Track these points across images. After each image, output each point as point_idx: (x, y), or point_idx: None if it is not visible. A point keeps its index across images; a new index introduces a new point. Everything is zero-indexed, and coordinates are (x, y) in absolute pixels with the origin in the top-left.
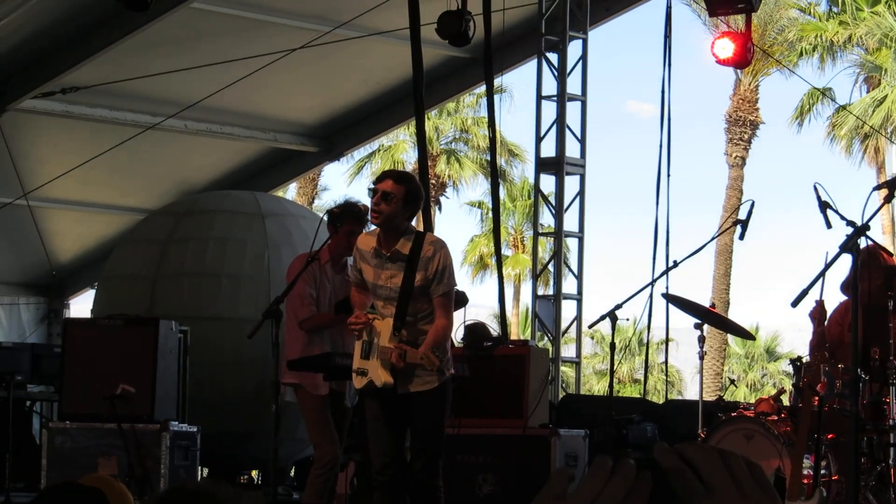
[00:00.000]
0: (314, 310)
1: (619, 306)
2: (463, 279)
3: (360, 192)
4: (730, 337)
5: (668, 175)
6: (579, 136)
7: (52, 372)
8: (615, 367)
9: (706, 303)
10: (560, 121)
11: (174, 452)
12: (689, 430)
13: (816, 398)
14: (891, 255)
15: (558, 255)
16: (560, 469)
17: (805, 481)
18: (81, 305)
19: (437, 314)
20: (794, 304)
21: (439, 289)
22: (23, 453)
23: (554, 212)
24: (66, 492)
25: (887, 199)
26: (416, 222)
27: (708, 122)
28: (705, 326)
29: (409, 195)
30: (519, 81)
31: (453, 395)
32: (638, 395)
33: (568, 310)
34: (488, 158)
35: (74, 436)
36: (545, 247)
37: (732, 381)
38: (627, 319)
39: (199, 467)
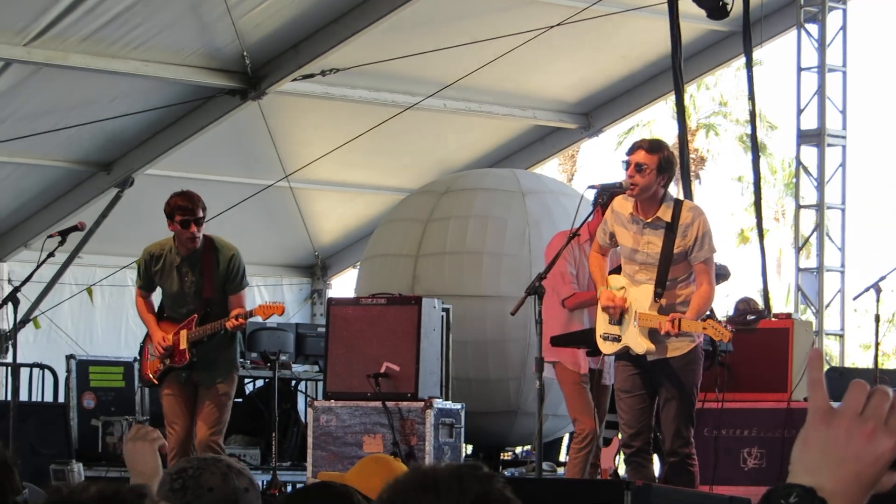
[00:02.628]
0: (576, 287)
1: (882, 278)
2: (724, 253)
3: (619, 169)
4: None
5: None
6: (841, 108)
7: (316, 351)
8: (880, 339)
9: None
10: (821, 92)
11: (438, 430)
12: None
13: None
14: None
15: (821, 227)
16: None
17: None
18: (344, 286)
19: (700, 280)
20: None
21: (700, 255)
22: (289, 432)
23: (816, 184)
24: (320, 492)
25: None
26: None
27: None
28: None
29: (662, 163)
30: (777, 53)
31: (718, 370)
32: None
33: (831, 282)
34: (748, 132)
35: (339, 414)
36: (807, 219)
37: None
38: (893, 291)
39: (464, 444)
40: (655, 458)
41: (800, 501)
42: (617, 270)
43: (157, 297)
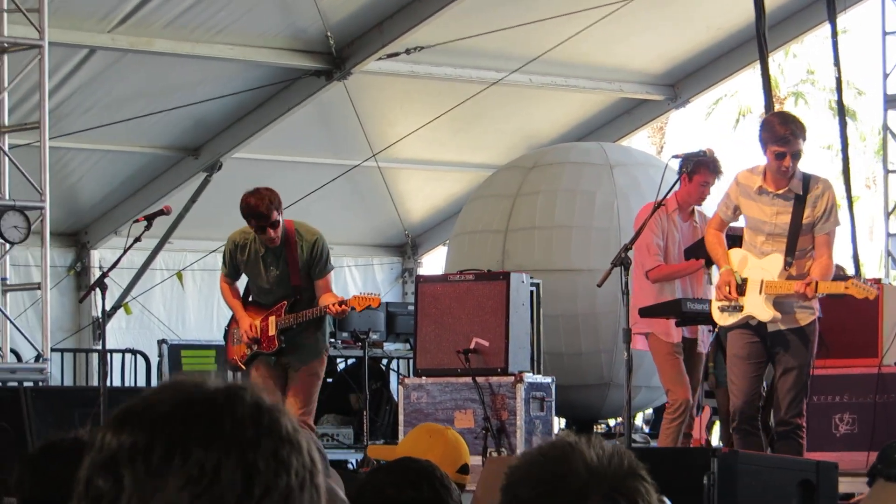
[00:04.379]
0: (660, 259)
1: None
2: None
3: (707, 140)
4: None
5: None
6: None
7: (406, 329)
8: None
9: None
10: None
11: (529, 404)
12: None
13: None
14: None
15: None
16: None
17: None
18: (434, 263)
19: (821, 252)
20: None
21: (826, 227)
22: (381, 411)
23: None
24: (402, 468)
25: None
26: None
27: None
28: None
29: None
30: (862, 19)
31: None
32: None
33: None
34: (836, 99)
35: (430, 391)
36: None
37: None
38: None
39: (556, 418)
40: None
41: None
42: (734, 243)
43: (242, 280)
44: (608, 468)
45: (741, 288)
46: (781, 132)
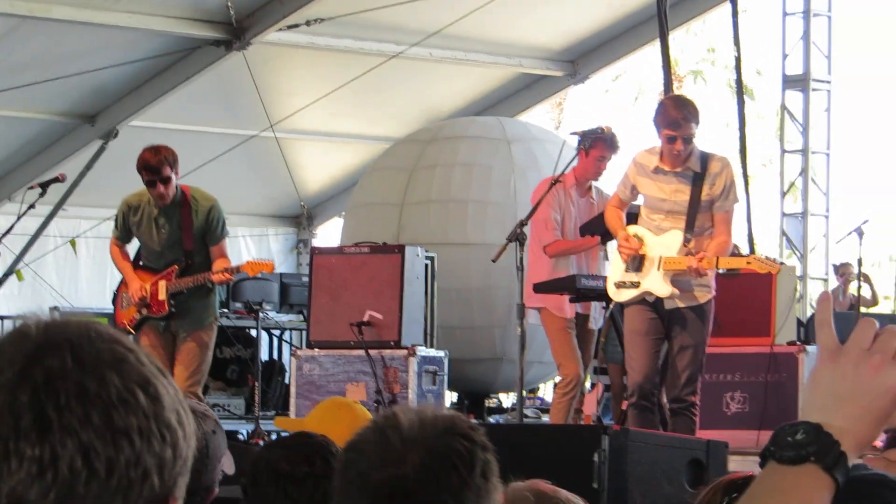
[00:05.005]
0: (558, 234)
1: (865, 221)
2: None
3: (606, 116)
4: None
5: None
6: (826, 53)
7: (300, 301)
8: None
9: None
10: (806, 37)
11: (422, 377)
12: None
13: None
14: None
15: (805, 172)
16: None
17: None
18: (329, 235)
19: (720, 230)
20: None
21: (725, 205)
22: (273, 382)
23: (801, 129)
24: (298, 442)
25: None
26: None
27: None
28: None
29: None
30: None
31: None
32: (890, 312)
33: (815, 227)
34: (735, 78)
35: (323, 363)
36: (792, 165)
37: None
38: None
39: (448, 392)
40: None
41: (806, 437)
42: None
43: (134, 246)
44: (422, 429)
45: (638, 265)
46: (673, 116)
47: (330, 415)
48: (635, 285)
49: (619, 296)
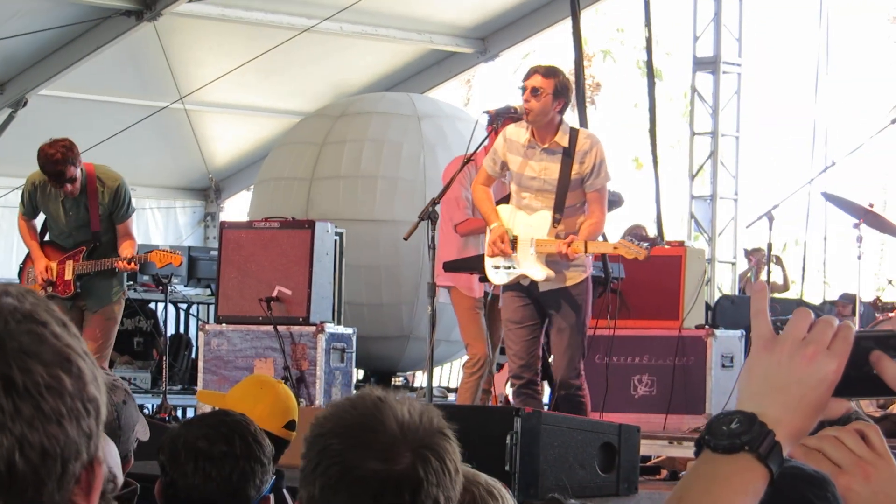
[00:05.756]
0: (469, 213)
1: (776, 206)
2: (618, 180)
3: (515, 94)
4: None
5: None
6: (737, 35)
7: (208, 275)
8: (772, 268)
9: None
10: (717, 19)
11: (330, 355)
12: None
13: None
14: None
15: (715, 155)
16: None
17: None
18: (237, 208)
19: (592, 209)
20: None
21: (596, 183)
22: (179, 356)
23: (711, 111)
24: (217, 421)
25: None
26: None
27: (871, 12)
28: (863, 226)
29: (559, 87)
30: None
31: (610, 296)
32: (795, 298)
33: (724, 210)
34: (644, 59)
35: (231, 338)
36: (701, 147)
37: (890, 282)
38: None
39: (355, 369)
40: (547, 387)
41: (740, 426)
42: (504, 200)
43: (42, 217)
44: (419, 426)
45: (512, 246)
46: (525, 73)
47: (251, 393)
48: (512, 268)
49: (497, 279)
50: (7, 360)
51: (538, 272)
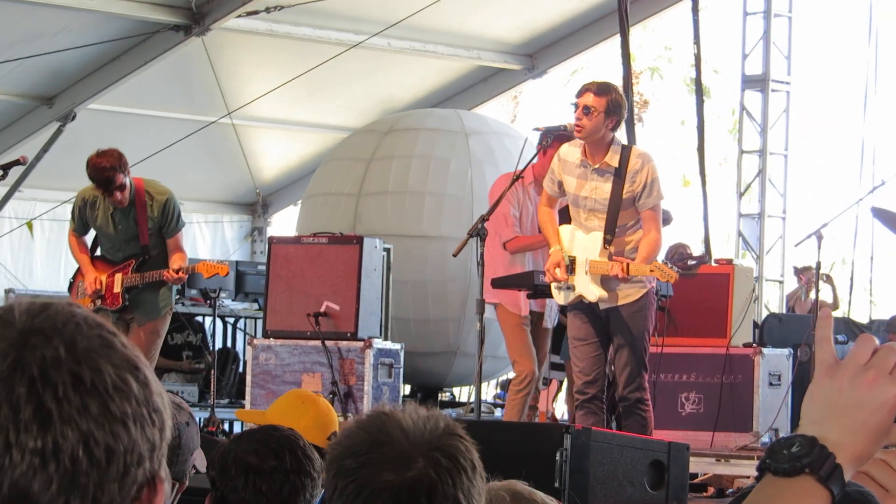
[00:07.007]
0: (517, 231)
1: (825, 225)
2: (666, 198)
3: (562, 111)
4: None
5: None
6: (786, 54)
7: (256, 289)
8: (819, 287)
9: None
10: (766, 38)
11: (378, 370)
12: None
13: None
14: None
15: (763, 173)
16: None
17: None
18: (284, 224)
19: (648, 227)
20: None
21: (649, 202)
22: (227, 370)
23: (759, 129)
24: (266, 435)
25: None
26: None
27: None
28: None
29: (611, 105)
30: None
31: (657, 315)
32: (842, 317)
33: (772, 228)
34: (692, 76)
35: (278, 353)
36: (749, 165)
37: None
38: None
39: (403, 385)
40: None
41: (801, 450)
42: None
43: (92, 232)
44: (425, 430)
45: (570, 267)
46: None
47: (293, 408)
48: (571, 288)
49: (560, 298)
50: (77, 359)
51: (592, 293)
